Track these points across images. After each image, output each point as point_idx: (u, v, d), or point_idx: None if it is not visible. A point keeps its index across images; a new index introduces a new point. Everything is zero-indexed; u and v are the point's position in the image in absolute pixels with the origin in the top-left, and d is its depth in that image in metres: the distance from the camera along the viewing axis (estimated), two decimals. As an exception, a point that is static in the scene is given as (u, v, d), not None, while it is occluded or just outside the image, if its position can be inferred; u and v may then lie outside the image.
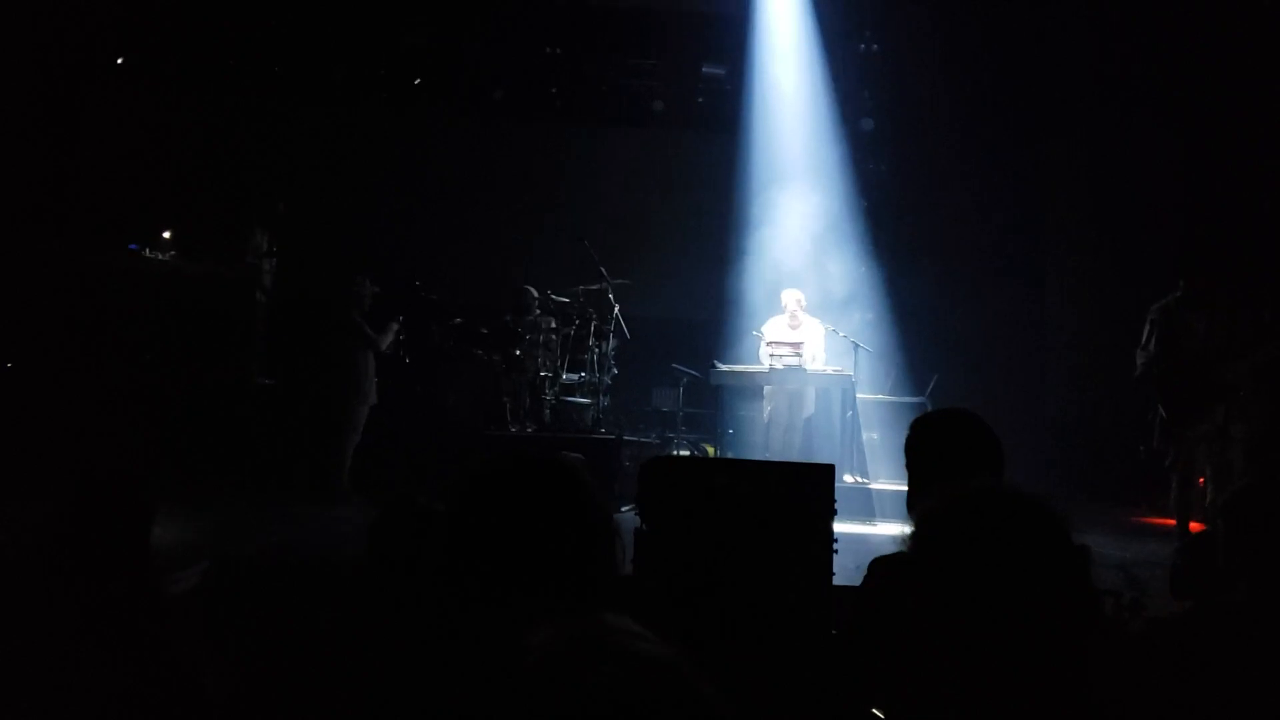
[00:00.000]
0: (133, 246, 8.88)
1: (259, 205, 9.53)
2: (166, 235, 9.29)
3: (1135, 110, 9.69)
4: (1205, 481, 6.55)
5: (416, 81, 11.11)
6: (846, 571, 4.71)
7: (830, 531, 3.87)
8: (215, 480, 7.43)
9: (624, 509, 7.54)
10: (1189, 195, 9.46)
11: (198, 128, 10.21)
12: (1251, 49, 8.95)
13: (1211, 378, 6.35)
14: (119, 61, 10.28)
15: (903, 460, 2.72)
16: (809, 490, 3.81)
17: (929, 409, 5.07)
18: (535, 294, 9.53)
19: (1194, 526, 6.39)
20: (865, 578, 2.72)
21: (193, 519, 6.26)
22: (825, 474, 3.90)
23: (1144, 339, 6.65)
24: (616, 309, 9.46)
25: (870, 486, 8.13)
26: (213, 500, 7.03)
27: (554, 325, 9.53)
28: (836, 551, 3.96)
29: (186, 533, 5.74)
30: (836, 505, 4.05)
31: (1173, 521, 6.76)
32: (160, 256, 8.85)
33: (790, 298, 8.87)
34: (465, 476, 1.60)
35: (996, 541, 1.36)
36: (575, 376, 9.58)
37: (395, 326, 8.34)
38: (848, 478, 8.12)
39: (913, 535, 1.44)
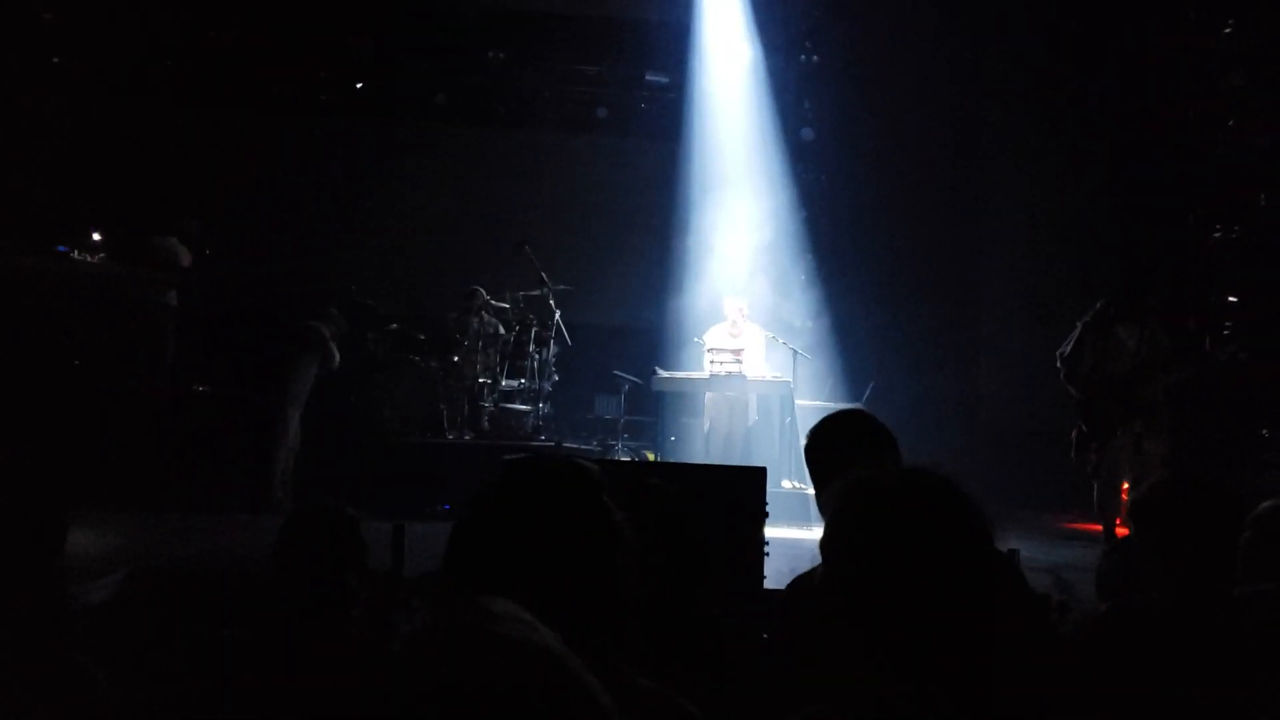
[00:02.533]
0: (62, 249, 8.64)
1: (174, 217, 9.28)
2: (97, 237, 9.04)
3: (1068, 124, 9.85)
4: (1127, 485, 6.65)
5: (358, 86, 10.96)
6: (780, 575, 4.69)
7: (762, 534, 3.84)
8: (144, 488, 7.19)
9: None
10: (1120, 208, 9.64)
11: (133, 130, 9.98)
12: (1179, 70, 9.16)
13: (1135, 394, 6.45)
14: (54, 61, 10.02)
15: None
16: (741, 493, 3.78)
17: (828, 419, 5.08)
18: (485, 295, 9.42)
19: (1120, 531, 6.47)
20: (784, 599, 2.71)
21: (114, 528, 6.07)
22: (757, 477, 3.88)
23: (1068, 348, 6.71)
24: (558, 315, 9.39)
25: (808, 492, 8.12)
26: (137, 509, 6.82)
27: (494, 331, 9.42)
28: (768, 555, 3.94)
29: (106, 541, 5.56)
30: (770, 509, 4.03)
31: (1099, 527, 6.85)
32: (89, 259, 8.60)
33: (731, 305, 8.87)
34: (491, 478, 1.53)
35: (904, 522, 1.33)
36: (515, 383, 9.48)
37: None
38: (786, 483, 8.12)
39: (825, 530, 1.41)
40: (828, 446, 2.61)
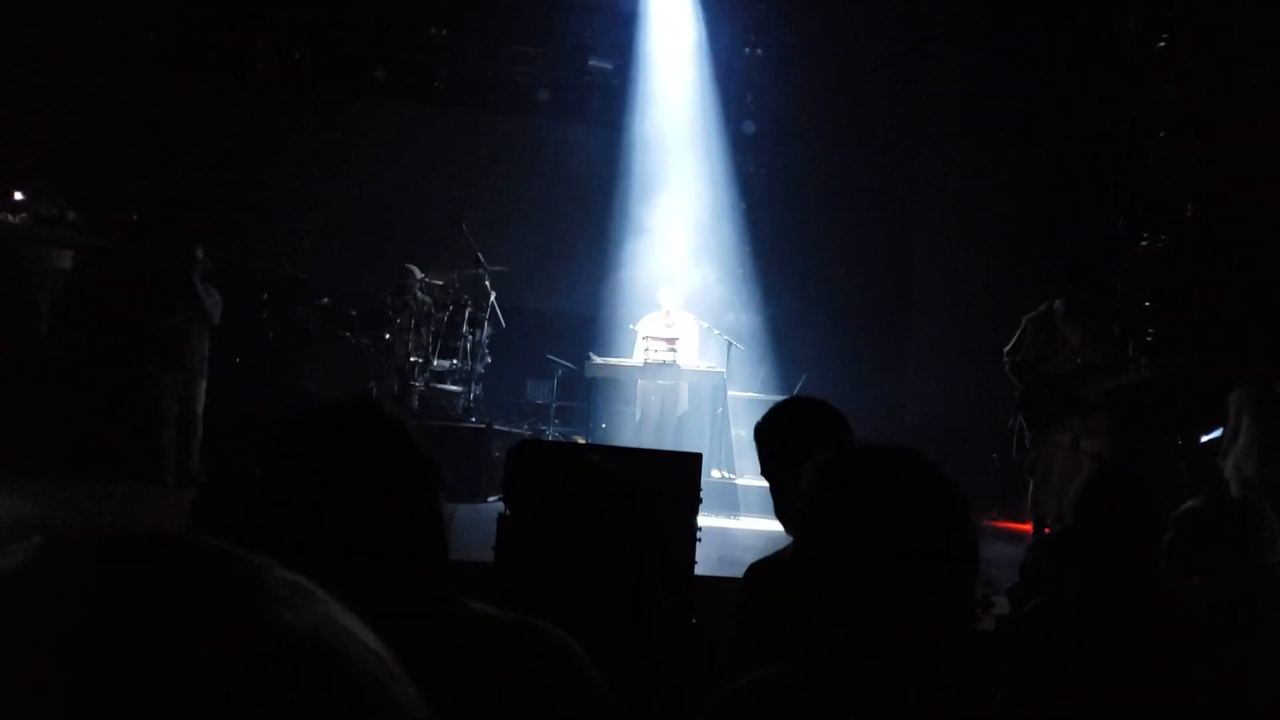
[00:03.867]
0: None
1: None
2: (19, 197, 8.72)
3: (1002, 130, 10.02)
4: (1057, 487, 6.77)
5: (296, 56, 10.71)
6: (709, 562, 4.69)
7: (695, 521, 3.83)
8: (41, 456, 6.93)
9: (490, 499, 7.40)
10: (1051, 213, 9.84)
11: (64, 92, 9.63)
12: (1113, 80, 9.37)
13: (1076, 393, 6.56)
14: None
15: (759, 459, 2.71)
16: (676, 478, 3.77)
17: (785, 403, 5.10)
18: (419, 274, 9.28)
19: (1048, 530, 6.60)
20: (743, 585, 2.68)
21: (21, 495, 5.87)
22: (693, 463, 3.86)
23: (1012, 345, 6.80)
24: (493, 296, 9.29)
25: (736, 482, 8.17)
26: (37, 477, 6.59)
27: (429, 310, 9.29)
28: (700, 540, 3.93)
29: (17, 508, 5.36)
30: (702, 497, 4.02)
31: (1026, 526, 6.96)
32: (10, 218, 8.29)
33: (666, 295, 8.87)
34: (278, 432, 1.43)
35: (890, 497, 1.31)
36: (447, 363, 9.36)
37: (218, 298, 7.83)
38: (715, 473, 8.14)
39: (802, 509, 1.38)
40: (786, 430, 2.59)
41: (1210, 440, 7.82)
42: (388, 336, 8.95)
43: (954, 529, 1.30)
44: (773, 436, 2.62)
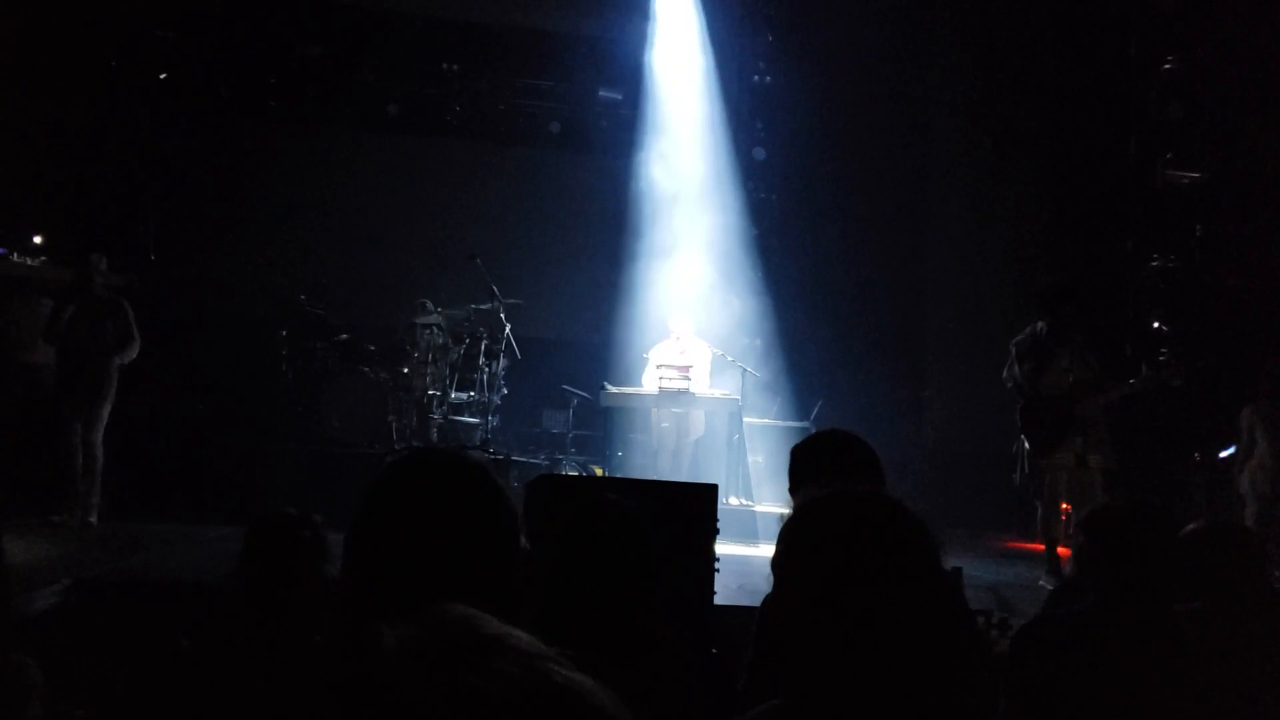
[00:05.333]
0: (1, 250, 8.50)
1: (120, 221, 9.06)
2: (38, 240, 8.89)
3: (1012, 152, 10.11)
4: (1069, 508, 6.82)
5: (309, 93, 10.90)
6: (728, 591, 4.76)
7: (712, 550, 3.90)
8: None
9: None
10: (1062, 234, 9.91)
11: (80, 135, 9.84)
12: (1120, 102, 9.45)
13: (1073, 411, 6.62)
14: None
15: (785, 483, 2.79)
16: (693, 509, 3.84)
17: (813, 433, 5.18)
18: (433, 308, 9.40)
19: (1061, 551, 6.63)
20: (759, 615, 2.75)
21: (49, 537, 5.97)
22: (709, 493, 3.93)
23: (1006, 371, 6.91)
24: (508, 328, 9.40)
25: (755, 509, 8.22)
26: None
27: (444, 343, 9.40)
28: (718, 570, 3.99)
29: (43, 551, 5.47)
30: (720, 525, 4.09)
31: (1041, 546, 7.00)
32: (29, 261, 8.46)
33: (678, 322, 8.95)
34: (373, 477, 1.49)
35: (851, 541, 1.38)
36: (464, 396, 9.46)
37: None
38: (732, 500, 8.20)
39: (779, 538, 1.46)
40: (814, 460, 2.67)
41: (1226, 456, 7.85)
42: (406, 370, 9.07)
43: (917, 574, 1.36)
44: (797, 467, 2.71)
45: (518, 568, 1.47)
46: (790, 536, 1.43)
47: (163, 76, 10.47)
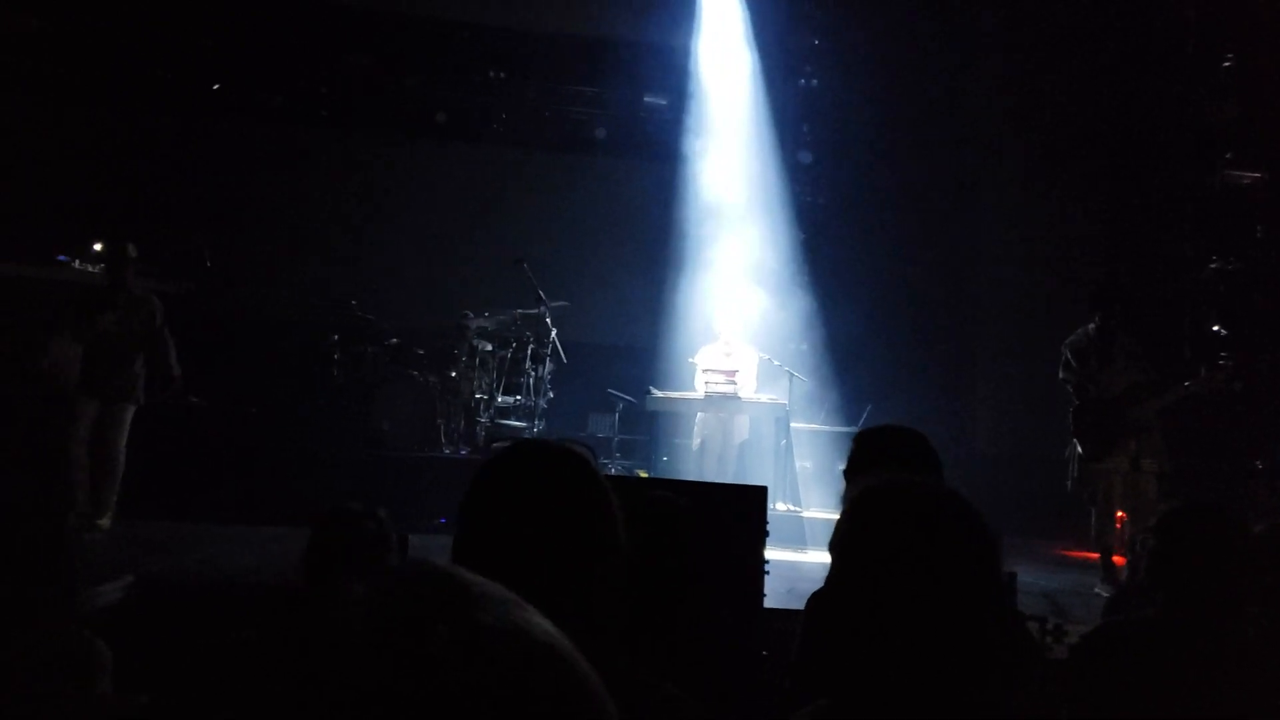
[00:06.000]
0: (62, 258, 8.70)
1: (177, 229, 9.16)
2: (98, 247, 9.08)
3: (1066, 152, 9.99)
4: (1123, 515, 6.72)
5: (358, 102, 11.07)
6: (777, 595, 4.75)
7: (762, 553, 3.90)
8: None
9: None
10: (1118, 237, 9.76)
11: (136, 143, 10.07)
12: (1177, 102, 9.31)
13: (1126, 414, 6.53)
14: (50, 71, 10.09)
15: (835, 488, 2.79)
16: (743, 511, 3.84)
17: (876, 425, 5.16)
18: (474, 318, 9.49)
19: (1116, 560, 6.54)
20: (805, 613, 2.75)
21: (113, 534, 6.09)
22: (758, 495, 3.93)
23: (1061, 373, 6.85)
24: (554, 333, 9.45)
25: (803, 514, 8.19)
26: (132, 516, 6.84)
27: (490, 348, 9.49)
28: (768, 573, 4.00)
29: (109, 547, 5.59)
30: (769, 530, 4.09)
31: (1095, 555, 6.91)
32: (90, 269, 8.64)
33: (725, 326, 8.94)
34: (482, 466, 1.51)
35: (912, 531, 1.38)
36: (511, 399, 9.54)
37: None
38: (780, 505, 8.17)
39: (837, 526, 1.46)
40: (873, 454, 2.67)
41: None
42: (454, 374, 9.16)
43: (974, 567, 1.36)
44: (858, 454, 2.70)
45: (618, 561, 1.48)
46: (852, 521, 1.43)
47: (215, 87, 10.68)
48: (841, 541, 1.44)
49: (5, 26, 9.64)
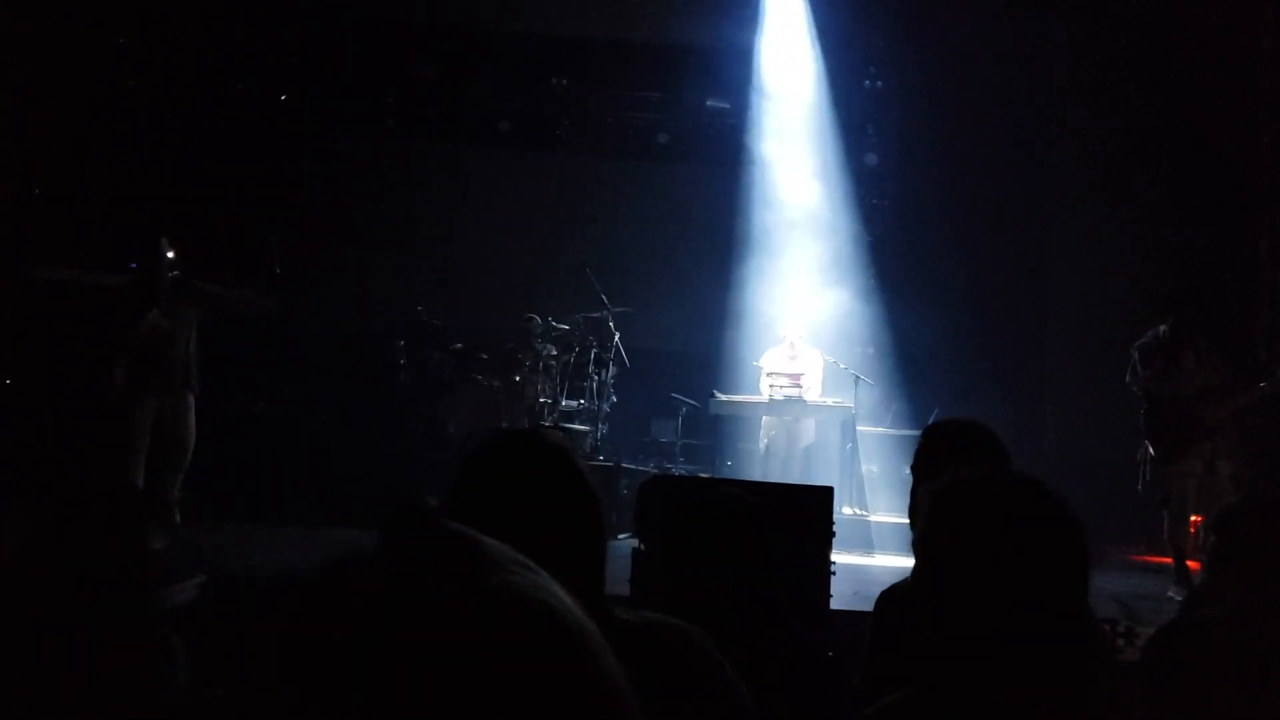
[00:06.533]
0: (134, 265, 8.93)
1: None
2: (170, 255, 9.31)
3: (1138, 150, 9.79)
4: (1198, 518, 6.57)
5: (424, 111, 11.22)
6: (844, 597, 4.72)
7: (829, 553, 3.88)
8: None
9: (620, 536, 7.54)
10: (1190, 236, 9.54)
11: (208, 152, 10.32)
12: (1251, 97, 9.08)
13: (1200, 417, 6.39)
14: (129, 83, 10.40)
15: (901, 492, 2.77)
16: (808, 511, 3.83)
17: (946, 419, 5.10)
18: (540, 322, 9.57)
19: (1191, 565, 6.39)
20: (875, 610, 2.72)
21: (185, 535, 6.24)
22: (824, 496, 3.92)
23: (1129, 375, 6.73)
24: (617, 337, 9.49)
25: (869, 518, 8.13)
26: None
27: (554, 352, 9.56)
28: (834, 574, 3.97)
29: (182, 547, 5.73)
30: (835, 532, 4.06)
31: (1169, 560, 6.75)
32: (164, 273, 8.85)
33: (789, 329, 8.90)
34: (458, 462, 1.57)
35: (1005, 526, 1.36)
36: (574, 403, 9.60)
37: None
38: (846, 509, 8.12)
39: (918, 518, 1.44)
40: (944, 447, 2.63)
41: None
42: (518, 379, 9.24)
43: (1065, 558, 1.34)
44: (927, 447, 2.66)
45: (600, 550, 1.53)
46: (939, 513, 1.42)
47: (283, 98, 10.91)
48: (927, 534, 1.42)
49: (88, 34, 9.91)
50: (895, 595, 2.59)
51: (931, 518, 1.42)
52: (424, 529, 0.72)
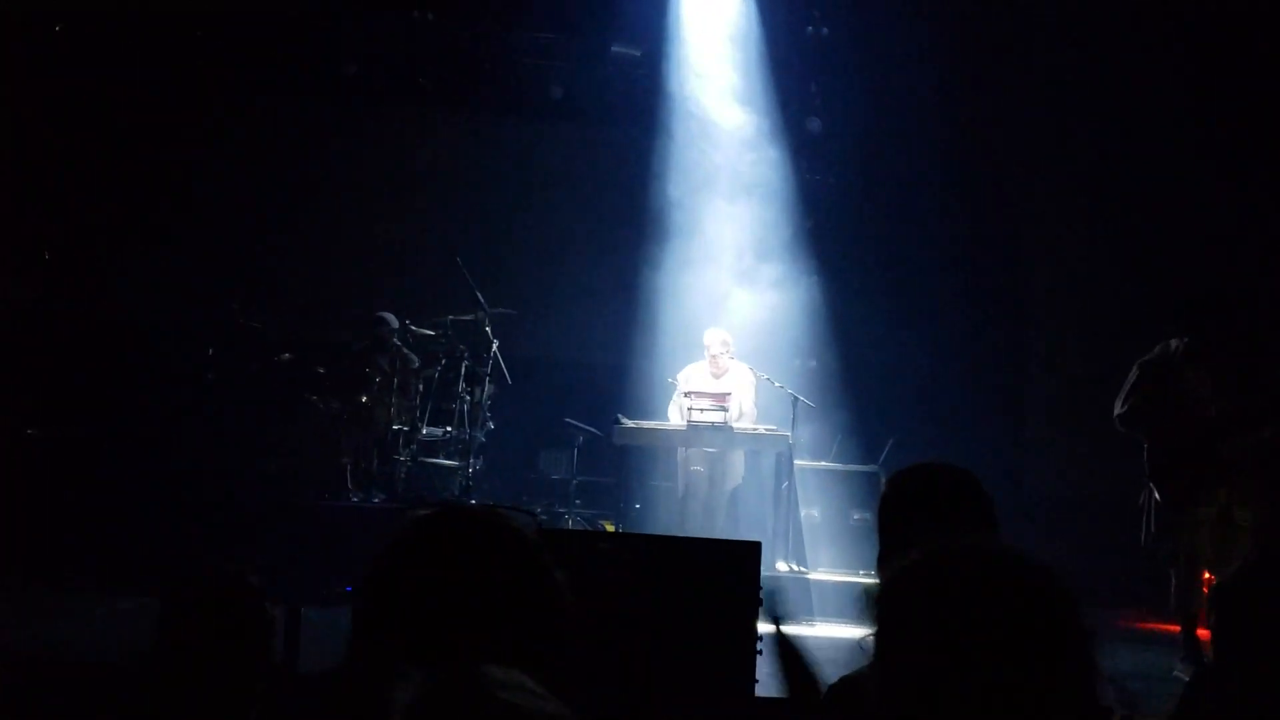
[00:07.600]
0: None
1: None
2: None
3: (1135, 117, 10.07)
4: (1211, 577, 6.72)
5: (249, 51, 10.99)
6: (773, 681, 4.72)
7: (754, 627, 3.88)
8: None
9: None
10: (1197, 240, 9.84)
11: None
12: (1266, 68, 9.44)
13: (1215, 454, 6.53)
14: None
15: (849, 544, 2.77)
16: (729, 573, 3.83)
17: (882, 480, 5.14)
18: (395, 324, 9.45)
19: (1202, 634, 6.55)
20: (824, 709, 2.72)
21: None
22: (749, 553, 3.92)
23: (1124, 395, 6.82)
24: (495, 345, 9.43)
25: (809, 577, 8.19)
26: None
27: (414, 365, 9.45)
28: (760, 653, 3.97)
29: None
30: (763, 595, 4.07)
31: (1176, 627, 6.91)
32: None
33: (714, 338, 8.94)
34: (397, 541, 1.58)
35: (982, 612, 1.36)
36: (439, 432, 9.51)
37: None
38: (780, 565, 8.17)
39: (877, 604, 1.44)
40: (916, 502, 2.61)
41: None
42: (364, 400, 9.11)
43: (1064, 658, 1.34)
44: (887, 515, 2.64)
45: (559, 645, 1.54)
46: (903, 599, 1.41)
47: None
48: (891, 624, 1.41)
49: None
50: (850, 689, 2.58)
51: (890, 607, 1.41)
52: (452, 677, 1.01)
